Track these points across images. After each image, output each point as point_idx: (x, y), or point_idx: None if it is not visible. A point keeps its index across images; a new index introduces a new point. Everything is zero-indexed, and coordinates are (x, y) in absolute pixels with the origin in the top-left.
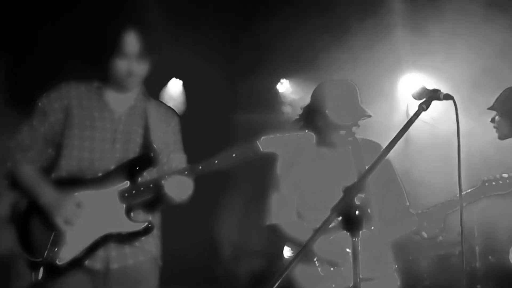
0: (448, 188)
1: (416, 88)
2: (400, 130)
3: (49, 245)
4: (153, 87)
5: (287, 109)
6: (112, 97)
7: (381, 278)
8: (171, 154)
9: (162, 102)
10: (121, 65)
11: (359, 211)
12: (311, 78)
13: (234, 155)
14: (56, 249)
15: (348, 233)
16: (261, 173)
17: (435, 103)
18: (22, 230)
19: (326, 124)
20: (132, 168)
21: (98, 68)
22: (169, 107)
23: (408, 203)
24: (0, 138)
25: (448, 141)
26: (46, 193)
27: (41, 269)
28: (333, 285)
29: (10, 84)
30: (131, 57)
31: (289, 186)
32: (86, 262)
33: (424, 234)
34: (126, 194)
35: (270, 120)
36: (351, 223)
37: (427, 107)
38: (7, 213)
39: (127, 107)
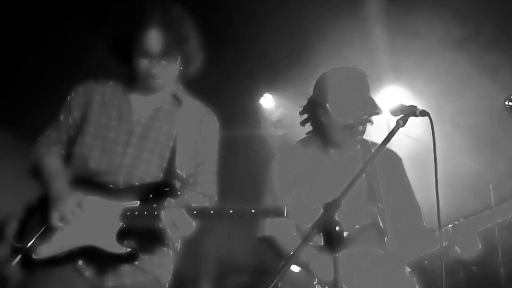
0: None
1: (394, 104)
2: (380, 145)
3: (35, 237)
4: None
5: (270, 127)
6: (136, 97)
7: None
8: (200, 166)
9: (200, 104)
10: (143, 65)
11: (339, 227)
12: (296, 93)
13: (253, 211)
14: (39, 243)
15: (332, 250)
16: (245, 184)
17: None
18: (23, 220)
19: (329, 121)
20: (146, 192)
21: (126, 66)
22: (208, 110)
23: (425, 223)
24: None
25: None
26: (57, 186)
27: (19, 256)
28: None
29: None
30: (152, 56)
31: (287, 194)
32: (80, 264)
33: (458, 250)
34: (128, 213)
35: (252, 136)
36: (331, 239)
37: (404, 123)
38: None
39: (151, 109)
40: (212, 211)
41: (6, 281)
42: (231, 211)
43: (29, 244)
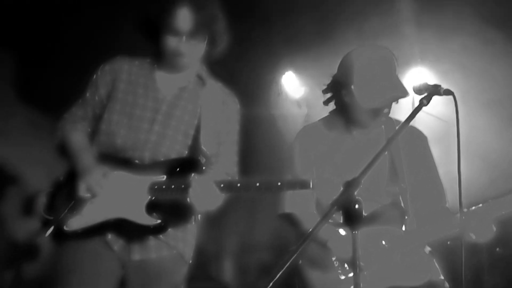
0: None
1: (418, 82)
2: (402, 124)
3: (66, 210)
4: None
5: (292, 106)
6: (162, 76)
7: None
8: (221, 146)
9: (222, 86)
10: (171, 43)
11: (359, 205)
12: (319, 72)
13: (279, 183)
14: (69, 215)
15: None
16: (266, 163)
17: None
18: (52, 194)
19: (354, 102)
20: (173, 167)
21: (153, 44)
22: (229, 92)
23: (447, 204)
24: (11, 136)
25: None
26: (84, 160)
27: (51, 228)
28: None
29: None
30: (181, 35)
31: (308, 173)
32: (109, 237)
33: (473, 236)
34: (156, 187)
35: (274, 115)
36: (351, 217)
37: (428, 102)
38: None
39: (176, 88)
40: (239, 184)
41: (39, 250)
42: (257, 184)
43: (60, 216)
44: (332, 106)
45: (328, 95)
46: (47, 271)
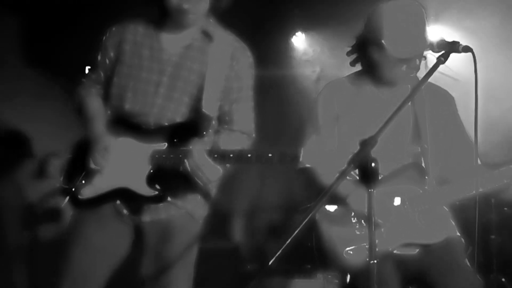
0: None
1: (435, 39)
2: (419, 82)
3: (79, 179)
4: None
5: (302, 67)
6: (166, 35)
7: (436, 245)
8: (234, 103)
9: (234, 40)
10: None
11: (375, 164)
12: (329, 32)
13: (270, 155)
14: (83, 184)
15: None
16: (277, 124)
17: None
18: (70, 161)
19: (384, 58)
20: (172, 135)
21: (158, 5)
22: (241, 46)
23: (479, 162)
24: (18, 99)
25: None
26: (95, 128)
27: (67, 198)
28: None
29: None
30: None
31: (330, 127)
32: (118, 203)
33: None
34: (156, 156)
35: (284, 77)
36: (367, 175)
37: (446, 60)
38: None
39: (181, 47)
40: (231, 155)
41: (60, 213)
42: (249, 155)
43: (75, 186)
44: (344, 69)
45: (354, 56)
46: (64, 235)
